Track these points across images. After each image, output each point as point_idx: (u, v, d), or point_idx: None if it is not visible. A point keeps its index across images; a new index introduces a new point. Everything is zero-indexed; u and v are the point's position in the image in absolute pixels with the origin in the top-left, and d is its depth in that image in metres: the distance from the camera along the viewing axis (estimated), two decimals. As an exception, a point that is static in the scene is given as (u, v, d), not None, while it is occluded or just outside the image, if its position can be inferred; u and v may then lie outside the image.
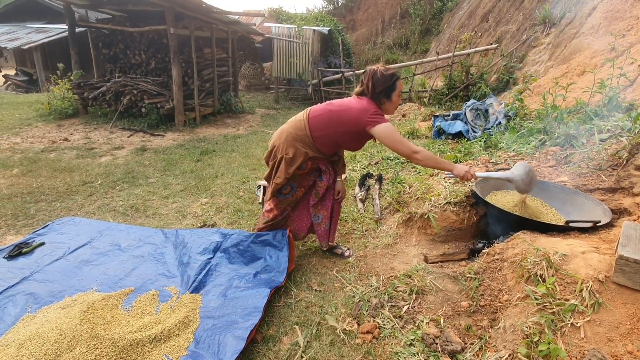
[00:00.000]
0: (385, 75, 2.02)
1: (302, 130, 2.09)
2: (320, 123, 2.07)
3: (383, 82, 2.01)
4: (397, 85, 2.05)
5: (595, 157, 2.81)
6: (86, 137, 6.08)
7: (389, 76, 2.02)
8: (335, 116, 2.05)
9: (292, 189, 2.25)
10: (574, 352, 1.33)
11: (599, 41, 5.27)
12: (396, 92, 2.06)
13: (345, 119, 2.03)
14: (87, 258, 2.36)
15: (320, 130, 2.07)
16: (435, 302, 1.95)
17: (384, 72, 2.03)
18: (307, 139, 2.09)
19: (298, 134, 2.09)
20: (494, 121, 4.87)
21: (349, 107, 2.05)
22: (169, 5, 6.28)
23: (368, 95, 2.06)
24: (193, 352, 1.64)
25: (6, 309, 1.88)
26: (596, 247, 1.69)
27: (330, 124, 2.06)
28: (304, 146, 2.10)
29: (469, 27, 11.93)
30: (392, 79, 2.03)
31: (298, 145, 2.09)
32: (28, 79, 12.35)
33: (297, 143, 2.09)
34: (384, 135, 1.98)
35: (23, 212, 3.25)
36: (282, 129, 2.18)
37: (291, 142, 2.10)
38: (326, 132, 2.07)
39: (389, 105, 2.09)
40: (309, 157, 2.12)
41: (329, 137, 2.08)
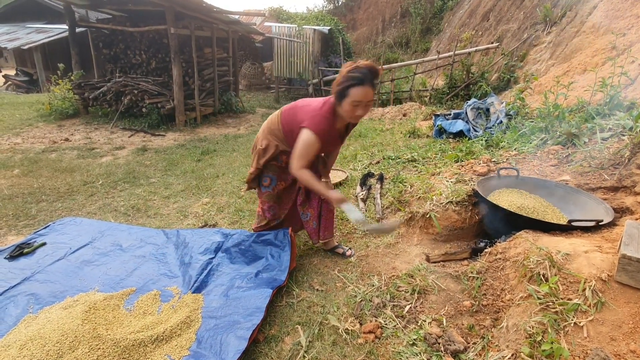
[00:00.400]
0: (344, 76, 1.77)
1: (275, 125, 2.14)
2: (287, 118, 2.09)
3: (339, 83, 1.79)
4: (350, 93, 1.75)
5: (597, 155, 2.80)
6: (87, 137, 6.08)
7: (346, 78, 1.76)
8: (297, 112, 2.05)
9: (272, 182, 2.27)
10: (577, 351, 1.33)
11: (600, 40, 5.26)
12: (347, 100, 1.78)
13: (299, 116, 2.01)
14: (89, 258, 2.36)
15: (287, 125, 2.09)
16: (438, 301, 1.95)
17: (346, 72, 1.77)
18: (279, 133, 2.13)
19: (272, 128, 2.15)
20: (495, 120, 4.86)
21: (309, 105, 2.02)
22: (169, 5, 6.28)
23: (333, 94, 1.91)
24: (195, 352, 1.64)
25: (7, 310, 1.88)
26: (599, 246, 1.69)
27: (293, 120, 2.05)
28: (276, 139, 2.14)
29: (470, 26, 11.92)
30: (346, 82, 1.76)
31: (271, 137, 2.14)
32: (28, 79, 12.36)
33: (270, 136, 2.15)
34: (299, 140, 1.91)
35: (24, 212, 3.25)
36: (263, 124, 2.25)
37: (266, 134, 2.16)
38: (290, 127, 2.06)
39: (341, 111, 1.87)
40: (280, 150, 2.14)
41: (293, 133, 2.04)
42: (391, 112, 7.96)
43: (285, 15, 17.39)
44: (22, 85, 12.13)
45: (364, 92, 1.76)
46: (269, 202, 2.33)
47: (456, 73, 8.43)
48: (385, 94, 9.56)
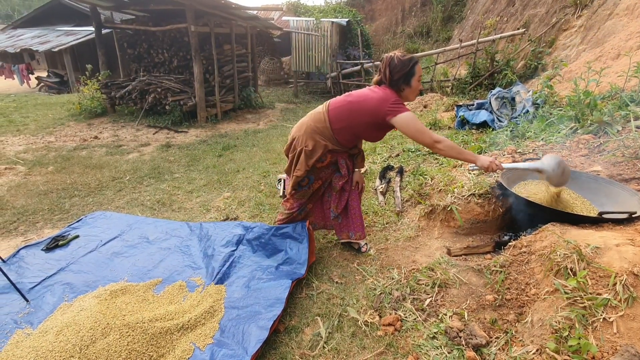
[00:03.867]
0: (402, 60, 1.96)
1: (322, 123, 2.08)
2: (340, 115, 2.06)
3: (401, 68, 1.96)
4: (416, 70, 1.98)
5: (632, 144, 2.66)
6: (114, 134, 6.32)
7: (406, 61, 1.96)
8: (356, 107, 2.03)
9: (309, 181, 2.25)
10: (606, 347, 1.28)
11: (635, 22, 4.94)
12: (415, 77, 1.98)
13: (365, 109, 2.00)
14: (118, 250, 2.47)
15: (340, 122, 2.06)
16: (459, 295, 1.92)
17: (401, 57, 1.97)
18: (327, 131, 2.08)
19: (318, 126, 2.09)
20: (521, 109, 4.68)
21: (369, 97, 2.01)
22: (189, 4, 6.38)
23: (386, 84, 2.01)
24: (219, 340, 1.70)
25: (45, 298, 2.01)
26: (631, 239, 1.61)
27: (350, 115, 2.04)
28: (324, 138, 2.09)
29: (494, 12, 11.46)
30: (410, 63, 1.96)
31: (317, 137, 2.09)
32: (59, 80, 12.94)
33: (317, 135, 2.09)
34: (405, 125, 1.93)
35: (58, 206, 3.43)
36: (301, 121, 2.18)
37: (310, 134, 2.10)
38: (346, 123, 2.05)
39: (408, 92, 2.03)
40: (329, 149, 2.11)
41: (349, 129, 2.07)
42: (411, 103, 7.81)
43: (303, 9, 17.31)
44: (54, 87, 12.72)
45: (420, 66, 2.02)
46: (302, 199, 2.33)
47: (479, 62, 8.15)
48: (405, 85, 9.37)
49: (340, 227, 2.45)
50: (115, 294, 1.95)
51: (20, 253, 2.45)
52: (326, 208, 2.44)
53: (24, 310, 1.92)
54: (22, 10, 32.92)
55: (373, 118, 2.00)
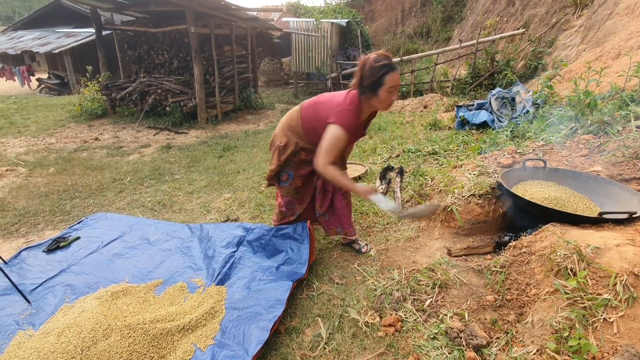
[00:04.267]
0: (373, 67, 1.80)
1: (295, 121, 2.12)
2: (309, 115, 2.08)
3: (370, 75, 1.81)
4: (386, 81, 1.80)
5: (632, 144, 2.66)
6: (115, 136, 6.33)
7: (377, 69, 1.79)
8: (319, 109, 2.03)
9: (289, 177, 2.26)
10: (606, 347, 1.28)
11: (636, 22, 4.94)
12: (384, 87, 1.81)
13: (323, 112, 1.99)
14: (119, 251, 2.48)
15: (308, 122, 2.07)
16: (459, 295, 1.92)
17: (373, 63, 1.80)
18: (299, 129, 2.11)
19: (291, 124, 2.13)
20: (521, 110, 4.68)
21: (331, 100, 2.00)
22: (189, 5, 6.39)
23: (356, 88, 1.90)
24: (220, 341, 1.70)
25: (46, 299, 2.01)
26: (632, 240, 1.61)
27: (315, 116, 2.04)
28: (296, 136, 2.12)
29: (494, 12, 11.47)
30: (380, 72, 1.79)
31: (290, 134, 2.13)
32: (60, 81, 12.96)
33: (290, 132, 2.13)
34: (326, 136, 1.89)
35: (59, 208, 3.44)
36: (281, 119, 2.24)
37: (285, 131, 2.14)
38: (312, 124, 2.05)
39: (376, 102, 1.89)
40: (300, 147, 2.13)
41: (315, 130, 2.04)
42: (411, 104, 7.81)
43: (302, 10, 17.32)
44: (54, 88, 12.74)
45: (396, 76, 1.83)
46: (287, 196, 2.35)
47: (479, 62, 8.15)
48: (405, 85, 9.38)
49: (328, 224, 2.44)
50: (116, 295, 1.95)
51: (22, 254, 2.46)
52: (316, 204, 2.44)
53: (25, 312, 1.93)
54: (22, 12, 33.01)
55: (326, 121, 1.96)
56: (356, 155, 4.64)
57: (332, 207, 2.40)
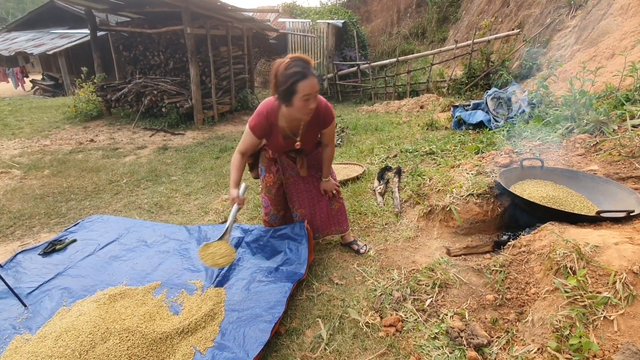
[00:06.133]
0: (284, 74, 1.68)
1: None
2: None
3: (282, 82, 1.70)
4: (298, 89, 1.68)
5: (628, 144, 2.68)
6: (111, 137, 6.28)
7: (288, 76, 1.67)
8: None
9: (261, 172, 2.33)
10: (607, 345, 1.28)
11: (629, 22, 4.99)
12: (297, 96, 1.69)
13: None
14: (116, 254, 2.46)
15: None
16: (459, 295, 1.93)
17: (284, 70, 1.68)
18: None
19: None
20: (517, 109, 4.71)
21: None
22: (185, 6, 6.37)
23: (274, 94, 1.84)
24: (219, 344, 1.69)
25: (43, 303, 1.99)
26: (630, 238, 1.62)
27: None
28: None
29: (489, 13, 11.54)
30: (290, 79, 1.67)
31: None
32: (54, 83, 12.86)
33: None
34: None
35: (55, 210, 3.41)
36: None
37: None
38: None
39: (293, 111, 1.78)
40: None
41: None
42: (408, 104, 7.84)
43: (298, 11, 17.30)
44: (49, 90, 12.64)
45: (311, 83, 1.70)
46: (263, 193, 2.40)
47: (475, 62, 8.20)
48: (401, 86, 9.42)
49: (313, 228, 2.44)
50: (114, 298, 1.93)
51: (18, 258, 2.43)
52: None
53: (22, 316, 1.90)
54: (16, 14, 32.71)
55: None
56: (354, 156, 4.64)
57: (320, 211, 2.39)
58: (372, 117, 7.15)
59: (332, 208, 2.40)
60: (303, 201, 2.37)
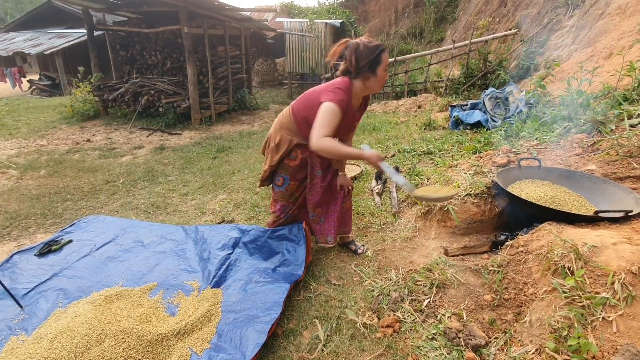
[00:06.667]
0: (368, 47, 1.85)
1: (287, 117, 2.11)
2: (298, 107, 2.07)
3: (367, 54, 1.85)
4: (383, 58, 1.87)
5: (626, 143, 2.68)
6: (107, 137, 6.25)
7: (373, 48, 1.85)
8: (309, 96, 2.02)
9: (285, 181, 2.24)
10: (606, 346, 1.28)
11: (627, 21, 5.00)
12: (382, 65, 1.88)
13: (312, 99, 1.97)
14: (113, 254, 2.44)
15: (299, 114, 2.05)
16: (457, 295, 1.92)
17: (367, 44, 1.86)
18: (291, 125, 2.09)
19: (284, 122, 2.12)
20: (514, 109, 4.72)
21: (319, 88, 1.99)
22: (182, 5, 6.35)
23: (352, 72, 1.90)
24: (216, 345, 1.67)
25: (38, 304, 1.97)
26: (628, 238, 1.62)
27: (305, 107, 2.02)
28: (290, 133, 2.10)
29: (486, 13, 11.56)
30: (376, 50, 1.85)
31: (284, 132, 2.11)
32: (51, 83, 12.79)
33: (283, 130, 2.11)
34: (320, 111, 1.82)
35: (51, 211, 3.38)
36: (274, 121, 2.22)
37: (279, 129, 2.13)
38: (303, 114, 2.02)
39: (374, 82, 1.92)
40: (295, 143, 2.09)
41: (307, 120, 1.98)
42: (405, 104, 7.84)
43: (296, 10, 17.31)
44: (46, 89, 12.57)
45: (387, 55, 1.91)
46: (283, 201, 2.32)
47: (473, 62, 8.21)
48: (399, 86, 9.41)
49: (322, 229, 2.38)
50: (110, 299, 1.92)
51: (14, 258, 2.40)
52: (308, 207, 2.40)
53: (18, 317, 1.88)
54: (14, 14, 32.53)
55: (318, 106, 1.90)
56: (352, 156, 4.62)
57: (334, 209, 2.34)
58: (370, 117, 7.15)
59: (343, 206, 2.36)
60: (322, 201, 2.33)
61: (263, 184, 2.36)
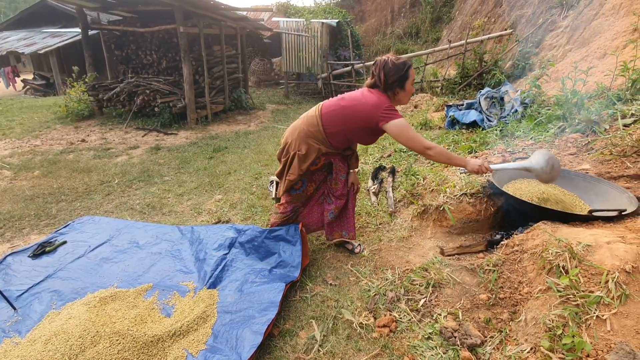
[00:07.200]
0: (397, 64, 1.96)
1: (315, 127, 2.07)
2: (333, 119, 2.05)
3: (396, 71, 1.96)
4: (410, 74, 2.00)
5: (619, 143, 2.70)
6: (102, 137, 6.21)
7: (401, 64, 1.97)
8: (349, 112, 2.01)
9: (303, 184, 2.25)
10: (600, 345, 1.29)
11: (621, 22, 5.04)
12: (409, 80, 2.00)
13: (358, 115, 1.99)
14: (107, 256, 2.42)
15: (333, 126, 2.05)
16: (453, 295, 1.92)
17: (395, 61, 1.97)
18: (320, 135, 2.07)
19: (311, 130, 2.08)
20: (510, 109, 4.73)
21: (362, 102, 2.00)
22: (178, 4, 6.31)
23: (381, 87, 2.00)
24: (212, 346, 1.67)
25: (32, 306, 1.95)
26: (622, 237, 1.63)
27: (344, 120, 2.03)
28: (317, 142, 2.08)
29: (482, 13, 11.61)
30: (404, 67, 1.97)
31: (311, 141, 2.08)
32: (45, 82, 12.67)
33: (310, 139, 2.08)
34: (398, 132, 1.94)
35: (45, 212, 3.35)
36: (294, 125, 2.16)
37: (304, 138, 2.09)
38: (340, 128, 2.04)
39: (402, 96, 2.03)
40: (322, 152, 2.11)
41: (343, 133, 2.06)
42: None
43: (292, 10, 17.28)
44: (40, 89, 12.46)
45: (414, 71, 2.06)
46: (296, 202, 2.34)
47: (468, 62, 8.23)
48: (396, 86, 9.40)
49: (333, 227, 2.44)
50: (104, 301, 1.90)
51: (7, 260, 2.38)
52: (325, 210, 2.42)
53: (11, 319, 1.86)
54: (8, 13, 32.21)
55: (366, 124, 1.99)
56: (348, 156, 4.63)
57: (345, 208, 2.40)
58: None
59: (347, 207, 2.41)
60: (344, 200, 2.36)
61: (287, 193, 2.29)
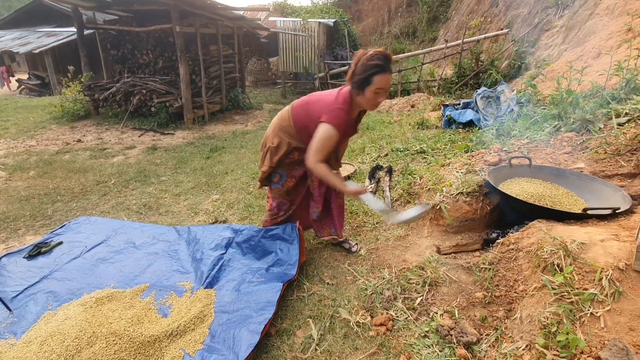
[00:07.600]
0: (364, 64, 1.76)
1: (286, 121, 2.11)
2: (299, 114, 2.06)
3: (361, 71, 1.78)
4: (374, 81, 1.76)
5: (613, 142, 2.72)
6: (98, 137, 6.18)
7: (367, 66, 1.76)
8: (311, 108, 2.01)
9: (281, 178, 2.25)
10: (594, 342, 1.30)
11: (615, 22, 5.08)
12: (372, 87, 1.78)
13: (315, 111, 1.96)
14: (104, 256, 2.41)
15: (300, 121, 2.06)
16: (449, 293, 1.93)
17: (365, 60, 1.76)
18: (290, 130, 2.10)
19: (283, 125, 2.12)
20: (506, 108, 4.76)
21: (323, 99, 1.98)
22: (174, 4, 6.29)
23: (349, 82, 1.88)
24: (209, 346, 1.67)
25: (28, 307, 1.94)
26: (616, 235, 1.65)
27: (307, 116, 2.02)
28: (288, 136, 2.11)
29: (478, 13, 11.65)
30: (369, 70, 1.75)
31: (282, 135, 2.11)
32: (40, 82, 12.59)
33: (282, 133, 2.11)
34: (317, 134, 1.87)
35: (41, 212, 3.33)
36: (272, 120, 2.22)
37: (277, 132, 2.13)
38: (304, 123, 2.03)
39: (362, 100, 1.87)
40: (293, 146, 2.11)
41: (307, 129, 2.01)
42: (399, 103, 7.87)
43: (289, 9, 17.28)
44: (35, 89, 12.37)
45: (386, 79, 1.78)
46: (279, 198, 2.33)
47: (465, 62, 8.27)
48: (392, 85, 9.43)
49: (322, 225, 2.45)
50: (101, 302, 1.90)
51: (2, 261, 2.36)
52: (310, 207, 2.43)
53: (7, 320, 1.85)
54: (2, 12, 31.96)
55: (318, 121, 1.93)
56: (345, 155, 4.63)
57: (327, 207, 2.40)
58: (364, 116, 7.16)
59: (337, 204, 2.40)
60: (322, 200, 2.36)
61: (263, 185, 2.36)
